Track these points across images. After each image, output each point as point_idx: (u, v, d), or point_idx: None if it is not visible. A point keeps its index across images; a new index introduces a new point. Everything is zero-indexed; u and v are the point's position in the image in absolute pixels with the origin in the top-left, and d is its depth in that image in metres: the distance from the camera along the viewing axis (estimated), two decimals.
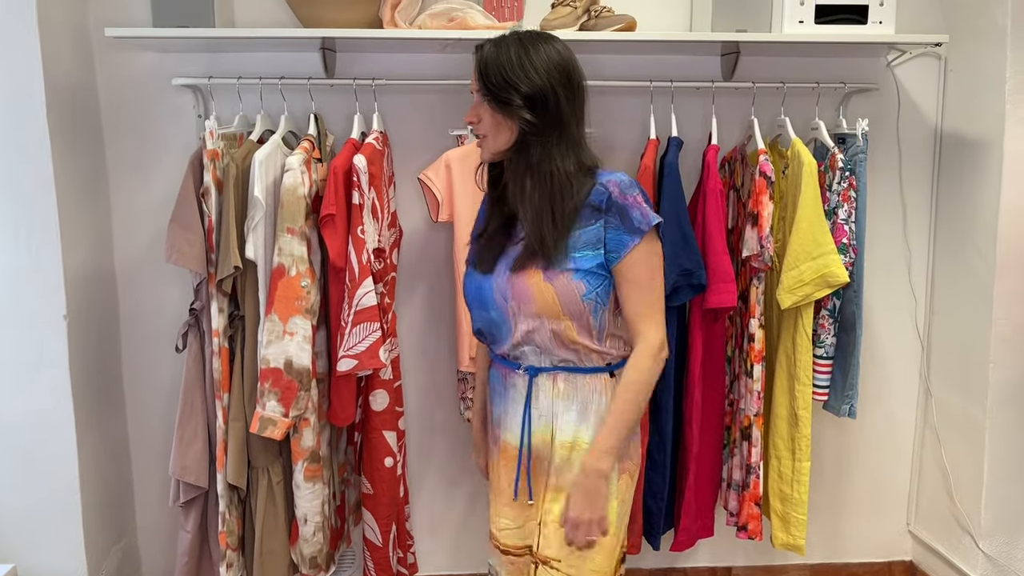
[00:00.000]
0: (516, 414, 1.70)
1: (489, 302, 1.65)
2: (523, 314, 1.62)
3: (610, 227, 1.58)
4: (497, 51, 1.59)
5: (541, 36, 1.61)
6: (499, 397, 1.75)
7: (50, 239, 2.17)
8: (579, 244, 1.58)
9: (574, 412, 1.66)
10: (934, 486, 2.65)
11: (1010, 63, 2.29)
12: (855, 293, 2.28)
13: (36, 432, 2.23)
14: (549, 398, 1.67)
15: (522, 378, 1.69)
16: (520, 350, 1.67)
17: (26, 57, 2.09)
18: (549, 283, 1.57)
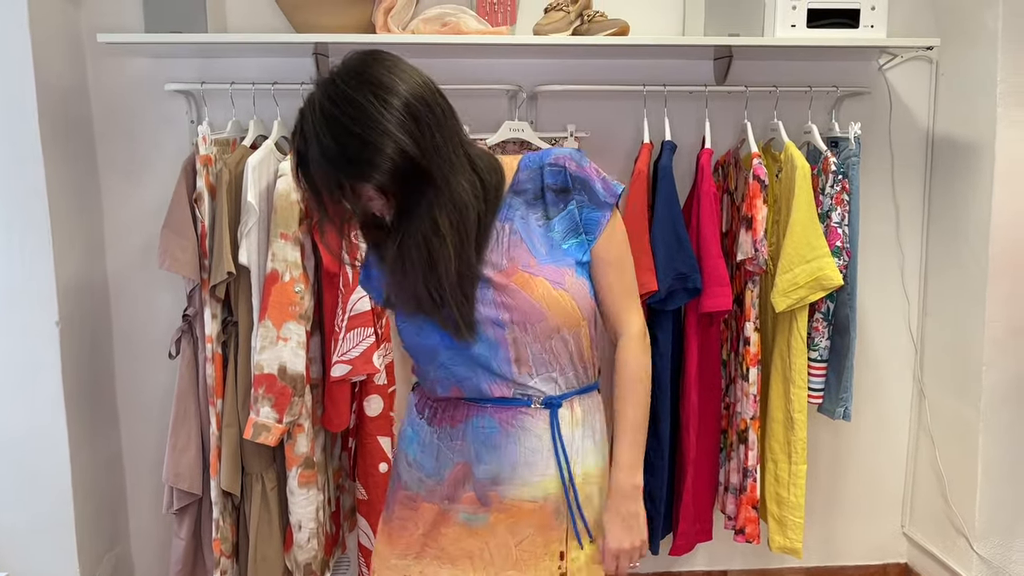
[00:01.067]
0: (535, 463, 1.38)
1: (445, 346, 1.35)
2: (533, 334, 1.35)
3: (583, 206, 1.37)
4: (322, 143, 1.18)
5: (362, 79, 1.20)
6: (490, 450, 1.39)
7: (42, 245, 2.15)
8: (561, 234, 1.37)
9: (591, 440, 1.44)
10: (928, 488, 2.66)
11: (1001, 66, 2.30)
12: (849, 296, 2.28)
13: (29, 439, 2.21)
14: (569, 429, 1.41)
15: (539, 414, 1.39)
16: (529, 381, 1.38)
17: (18, 63, 2.08)
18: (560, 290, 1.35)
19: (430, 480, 1.42)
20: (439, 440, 1.42)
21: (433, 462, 1.42)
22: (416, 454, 1.44)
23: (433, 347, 1.36)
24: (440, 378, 1.40)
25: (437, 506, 1.42)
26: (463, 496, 1.41)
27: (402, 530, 1.45)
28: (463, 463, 1.40)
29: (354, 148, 1.17)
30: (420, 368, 1.44)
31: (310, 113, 1.20)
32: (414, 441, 1.45)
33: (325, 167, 1.19)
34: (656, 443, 2.33)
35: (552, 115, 2.46)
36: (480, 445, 1.39)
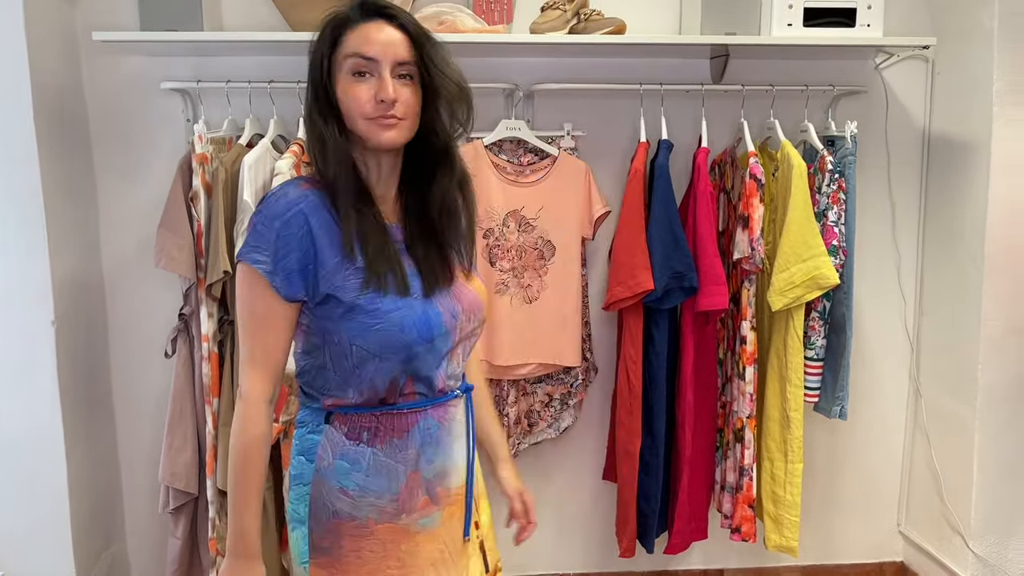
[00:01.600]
0: (460, 448, 1.42)
1: (437, 329, 1.34)
2: (470, 327, 1.40)
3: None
4: (410, 16, 1.33)
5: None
6: (434, 447, 1.39)
7: (38, 244, 2.15)
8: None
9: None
10: (924, 487, 2.66)
11: (997, 65, 2.30)
12: (845, 295, 2.29)
13: (24, 438, 2.21)
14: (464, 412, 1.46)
15: (461, 403, 1.44)
16: (457, 374, 1.42)
17: (13, 61, 2.08)
18: (479, 280, 1.47)
19: (383, 500, 1.35)
20: (386, 456, 1.35)
21: (384, 481, 1.35)
22: (359, 482, 1.34)
23: (410, 343, 1.31)
24: (398, 380, 1.34)
25: (393, 524, 1.35)
26: (418, 503, 1.37)
27: (358, 562, 1.35)
28: (413, 472, 1.36)
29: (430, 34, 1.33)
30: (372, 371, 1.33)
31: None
32: (352, 471, 1.34)
33: (419, 33, 1.31)
34: (652, 441, 2.34)
35: (549, 114, 2.46)
36: (426, 446, 1.38)
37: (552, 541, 2.71)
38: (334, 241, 1.29)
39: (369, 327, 1.29)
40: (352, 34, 1.31)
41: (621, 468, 2.37)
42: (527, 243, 2.36)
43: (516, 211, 2.35)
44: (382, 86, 1.27)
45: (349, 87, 1.30)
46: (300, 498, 1.37)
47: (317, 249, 1.28)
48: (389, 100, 1.27)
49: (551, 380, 2.47)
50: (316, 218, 1.29)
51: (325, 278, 1.28)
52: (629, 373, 2.32)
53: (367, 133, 1.30)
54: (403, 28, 1.30)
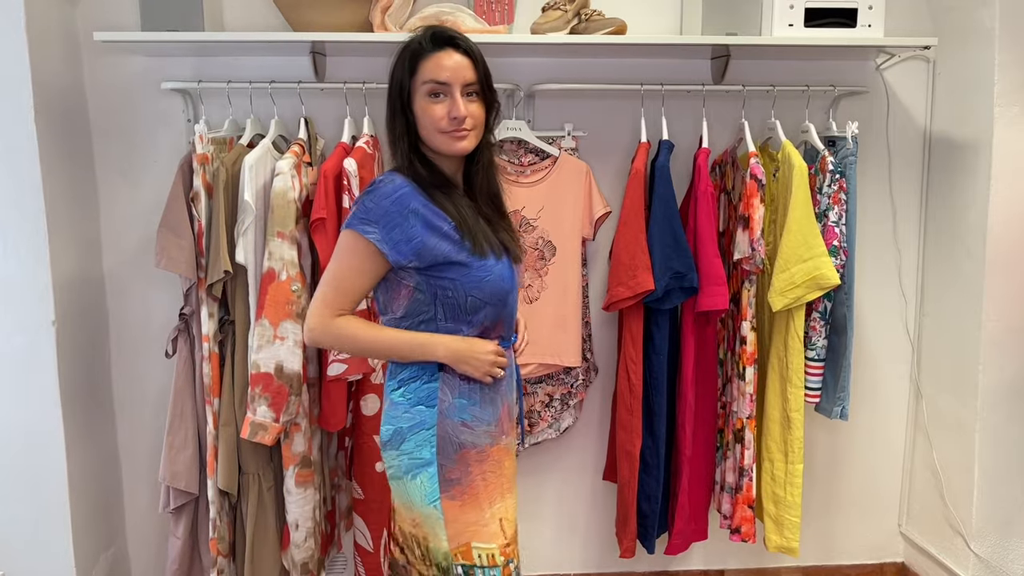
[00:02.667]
0: (510, 387, 1.74)
1: (511, 282, 1.67)
2: (518, 276, 1.72)
3: None
4: (475, 46, 1.62)
5: None
6: (510, 380, 1.74)
7: (38, 244, 2.15)
8: None
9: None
10: (925, 487, 2.66)
11: (998, 65, 2.30)
12: (846, 295, 2.28)
13: (25, 438, 2.21)
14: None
15: (510, 354, 1.73)
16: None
17: (14, 61, 2.08)
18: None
19: (492, 427, 1.66)
20: (491, 389, 1.66)
21: (491, 410, 1.66)
22: (475, 414, 1.64)
23: (508, 290, 1.64)
24: (498, 320, 1.65)
25: (499, 446, 1.68)
26: (509, 426, 1.72)
27: (484, 484, 1.64)
28: (505, 400, 1.70)
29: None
30: (477, 317, 1.62)
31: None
32: (469, 406, 1.63)
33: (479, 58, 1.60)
34: (652, 442, 2.34)
35: (550, 114, 2.46)
36: (509, 379, 1.72)
37: (552, 541, 2.71)
38: (437, 216, 1.57)
39: (482, 279, 1.59)
40: (427, 63, 1.57)
41: (621, 468, 2.37)
42: (528, 243, 2.36)
43: (517, 211, 2.35)
44: (454, 106, 1.56)
45: (427, 107, 1.57)
46: (423, 443, 1.61)
47: (423, 223, 1.55)
48: (461, 117, 1.56)
49: (551, 380, 2.47)
50: (416, 200, 1.57)
51: (434, 247, 1.56)
52: (630, 373, 2.32)
53: (443, 144, 1.59)
54: (468, 53, 1.59)
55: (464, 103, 1.57)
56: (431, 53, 1.57)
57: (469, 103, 1.58)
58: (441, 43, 1.58)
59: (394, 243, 1.55)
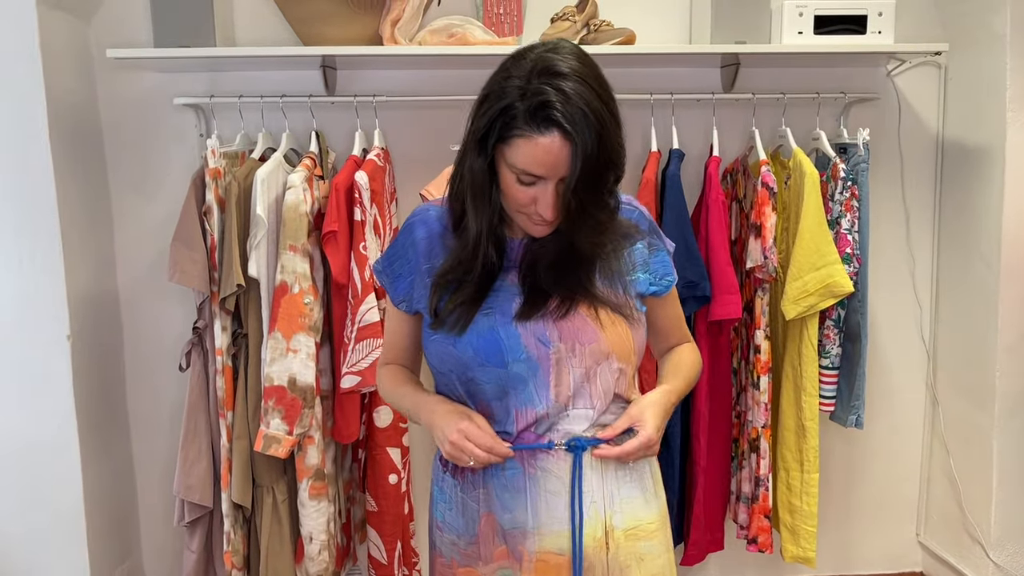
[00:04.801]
0: (557, 507, 1.26)
1: (513, 352, 1.24)
2: (580, 356, 1.25)
3: (655, 250, 1.35)
4: (602, 141, 1.15)
5: (589, 62, 1.26)
6: (513, 495, 1.28)
7: (53, 259, 2.17)
8: (629, 265, 1.32)
9: (637, 488, 1.32)
10: (943, 496, 2.64)
11: (1010, 70, 2.29)
12: (860, 303, 2.27)
13: (40, 453, 2.22)
14: (599, 474, 1.28)
15: (562, 459, 1.26)
16: (560, 416, 1.26)
17: (29, 79, 2.10)
18: (617, 314, 1.27)
19: (461, 541, 1.32)
20: (463, 492, 1.31)
21: (461, 520, 1.31)
22: (444, 515, 1.34)
23: (465, 361, 1.25)
24: (466, 395, 1.29)
25: (474, 570, 1.30)
26: (495, 552, 1.29)
27: None
28: (487, 514, 1.29)
29: (614, 143, 1.19)
30: (446, 390, 1.33)
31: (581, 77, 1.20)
32: (440, 501, 1.35)
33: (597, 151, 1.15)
34: (667, 452, 2.32)
35: None
36: (502, 490, 1.28)
37: None
38: (433, 253, 1.31)
39: (428, 337, 1.31)
40: (524, 144, 1.16)
41: None
42: None
43: None
44: (543, 204, 1.19)
45: (512, 186, 1.20)
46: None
47: (417, 258, 1.32)
48: (546, 218, 1.20)
49: None
50: (424, 229, 1.33)
51: (416, 288, 1.32)
52: (643, 383, 2.31)
53: (520, 222, 1.25)
54: (571, 139, 1.14)
55: (556, 200, 1.18)
56: (531, 135, 1.15)
57: (559, 200, 1.19)
58: (546, 123, 1.14)
59: (392, 278, 1.36)
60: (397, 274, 1.35)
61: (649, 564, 1.31)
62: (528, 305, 1.26)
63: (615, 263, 1.29)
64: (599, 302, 1.26)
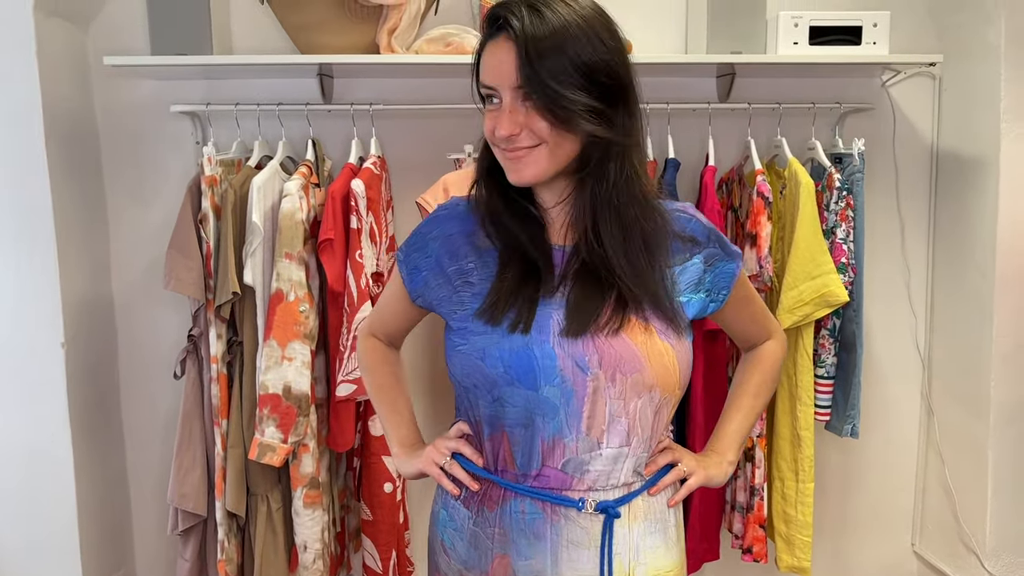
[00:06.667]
0: (579, 560, 1.17)
1: (547, 374, 1.11)
2: (620, 387, 1.12)
3: (714, 262, 1.22)
4: (542, 19, 1.03)
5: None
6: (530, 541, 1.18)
7: (48, 266, 2.16)
8: (680, 286, 1.19)
9: (660, 535, 1.22)
10: (938, 506, 2.64)
11: (1004, 81, 2.30)
12: (855, 312, 2.27)
13: (34, 460, 2.21)
14: (626, 528, 1.19)
15: (592, 520, 1.17)
16: (590, 455, 1.15)
17: (25, 86, 2.10)
18: (667, 341, 1.14)
19: (470, 574, 1.22)
20: (475, 526, 1.22)
21: (473, 554, 1.21)
22: (453, 542, 1.25)
23: (494, 378, 1.13)
24: (489, 417, 1.17)
25: None
26: None
27: None
28: (502, 555, 1.19)
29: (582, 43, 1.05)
30: (468, 405, 1.22)
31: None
32: (448, 526, 1.26)
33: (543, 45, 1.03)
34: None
35: None
36: (519, 534, 1.18)
37: None
38: (460, 252, 1.21)
39: (454, 347, 1.17)
40: (483, 57, 1.12)
41: None
42: None
43: None
44: (499, 118, 1.09)
45: (484, 119, 1.14)
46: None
47: (439, 254, 1.23)
48: (502, 137, 1.08)
49: None
50: (444, 227, 1.25)
51: (432, 287, 1.24)
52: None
53: (505, 170, 1.14)
54: (515, 38, 1.04)
55: (516, 115, 1.08)
56: (486, 43, 1.11)
57: (529, 113, 1.07)
58: (494, 27, 1.09)
59: (409, 268, 1.28)
60: (414, 266, 1.27)
61: None
62: (573, 321, 1.12)
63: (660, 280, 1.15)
64: (653, 317, 1.14)
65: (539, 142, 1.08)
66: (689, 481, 1.25)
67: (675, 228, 1.19)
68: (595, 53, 1.05)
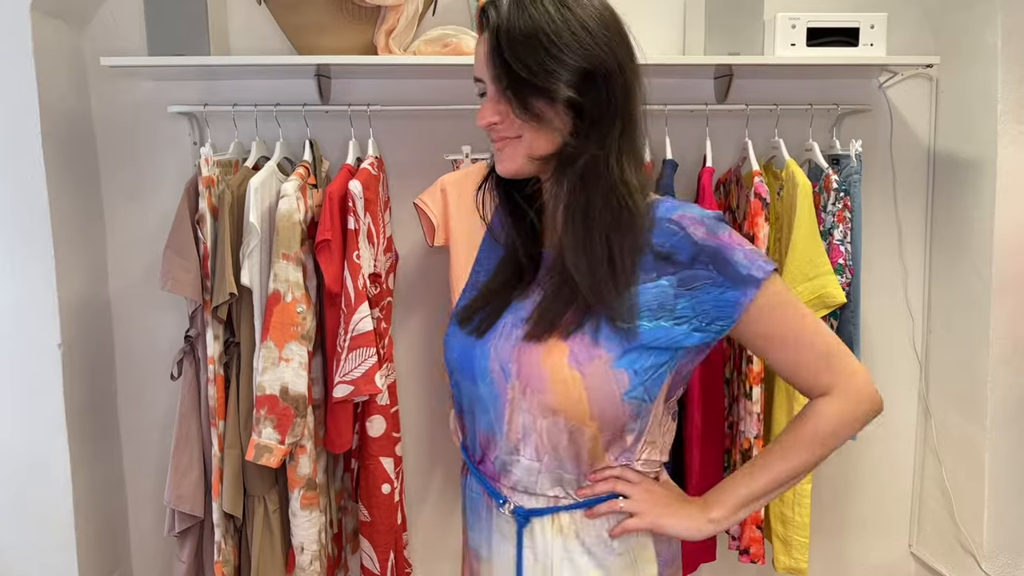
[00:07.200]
0: (505, 552, 1.20)
1: (481, 373, 1.14)
2: (530, 403, 1.10)
3: (700, 286, 1.07)
4: (521, 9, 1.04)
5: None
6: (475, 516, 1.26)
7: (45, 267, 2.16)
8: (639, 308, 1.07)
9: (591, 559, 1.16)
10: (936, 507, 2.64)
11: (1001, 83, 2.30)
12: (852, 313, 2.28)
13: (30, 462, 2.21)
14: (548, 537, 1.17)
15: (507, 521, 1.19)
16: (511, 458, 1.15)
17: (22, 86, 2.10)
18: (577, 370, 1.06)
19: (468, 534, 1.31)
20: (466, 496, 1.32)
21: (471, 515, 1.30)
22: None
23: (451, 365, 1.21)
24: (455, 399, 1.26)
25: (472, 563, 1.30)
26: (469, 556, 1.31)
27: None
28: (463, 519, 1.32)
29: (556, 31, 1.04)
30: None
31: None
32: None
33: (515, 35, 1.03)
34: None
35: None
36: (471, 508, 1.26)
37: None
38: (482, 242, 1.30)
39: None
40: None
41: None
42: None
43: None
44: (482, 109, 1.10)
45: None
46: None
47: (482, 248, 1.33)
48: (481, 126, 1.10)
49: None
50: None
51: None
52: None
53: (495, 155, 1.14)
54: (490, 29, 1.06)
55: (496, 104, 1.08)
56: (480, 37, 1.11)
57: (499, 102, 1.08)
58: (483, 22, 1.09)
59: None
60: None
61: None
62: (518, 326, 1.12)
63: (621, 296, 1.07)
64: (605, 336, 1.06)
65: (518, 134, 1.08)
66: (627, 522, 1.14)
67: (655, 241, 1.08)
68: (581, 52, 1.04)
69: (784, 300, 1.09)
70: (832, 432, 1.12)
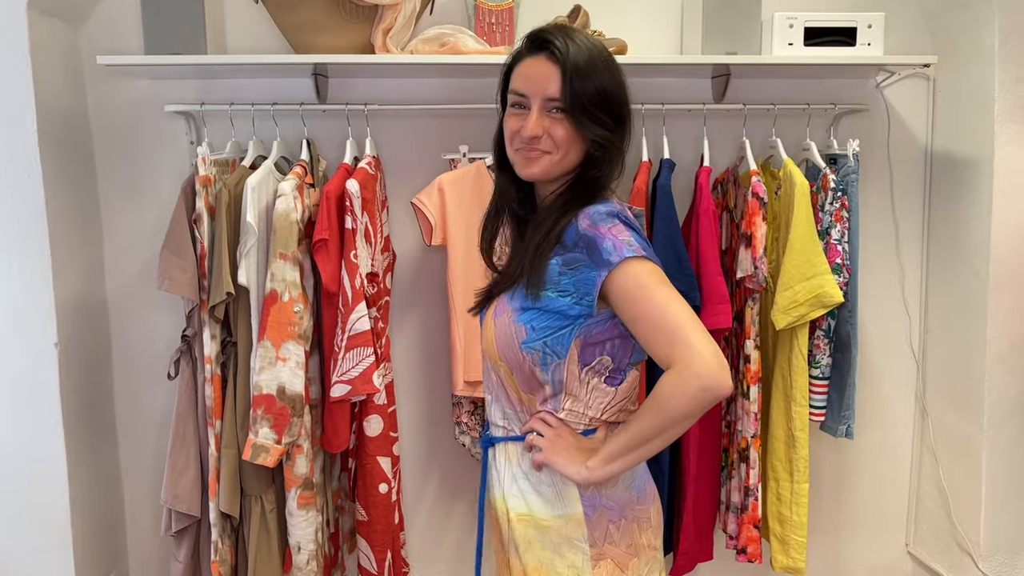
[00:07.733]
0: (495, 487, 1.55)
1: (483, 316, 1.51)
2: (485, 361, 1.50)
3: (577, 267, 1.33)
4: (581, 50, 1.33)
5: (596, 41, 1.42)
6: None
7: (41, 267, 2.16)
8: (547, 279, 1.36)
9: (526, 484, 1.46)
10: (933, 506, 2.64)
11: (998, 83, 2.30)
12: (850, 313, 2.28)
13: (27, 461, 2.21)
14: (501, 462, 1.50)
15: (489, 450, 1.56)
16: (491, 409, 1.53)
17: (18, 85, 2.10)
18: (493, 319, 1.43)
19: None
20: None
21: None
22: None
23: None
24: None
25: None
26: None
27: None
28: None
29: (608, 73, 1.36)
30: None
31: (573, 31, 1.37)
32: None
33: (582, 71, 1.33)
34: (656, 462, 2.32)
35: None
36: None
37: None
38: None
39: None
40: (518, 68, 1.39)
41: None
42: None
43: None
44: (527, 122, 1.35)
45: (507, 119, 1.41)
46: None
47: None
48: (527, 137, 1.35)
49: None
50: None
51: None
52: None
53: (515, 163, 1.41)
54: (559, 61, 1.33)
55: (541, 120, 1.35)
56: (523, 59, 1.38)
57: (552, 121, 1.35)
58: (535, 47, 1.37)
59: None
60: None
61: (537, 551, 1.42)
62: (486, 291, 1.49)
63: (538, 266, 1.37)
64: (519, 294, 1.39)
65: (553, 149, 1.35)
66: (533, 455, 1.42)
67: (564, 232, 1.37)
68: (612, 83, 1.35)
69: (640, 283, 1.28)
70: (664, 400, 1.26)
